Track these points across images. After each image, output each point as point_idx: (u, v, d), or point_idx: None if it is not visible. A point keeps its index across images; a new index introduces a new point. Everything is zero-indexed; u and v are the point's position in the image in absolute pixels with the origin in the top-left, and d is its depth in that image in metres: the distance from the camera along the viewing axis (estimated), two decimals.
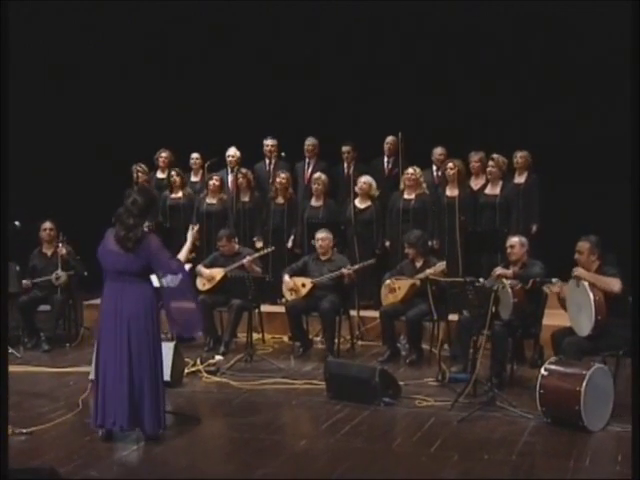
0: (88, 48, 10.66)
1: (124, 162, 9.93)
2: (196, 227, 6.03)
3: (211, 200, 9.46)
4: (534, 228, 9.07)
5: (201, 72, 10.73)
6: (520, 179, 9.25)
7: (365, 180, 8.99)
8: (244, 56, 10.66)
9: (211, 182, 9.42)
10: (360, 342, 8.53)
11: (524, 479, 4.88)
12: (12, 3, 6.68)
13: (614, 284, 6.08)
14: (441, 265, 7.61)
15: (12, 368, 7.50)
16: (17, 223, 7.53)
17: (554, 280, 6.46)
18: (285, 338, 8.63)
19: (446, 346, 7.85)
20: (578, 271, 6.23)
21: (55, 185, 10.22)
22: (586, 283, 6.12)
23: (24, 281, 8.51)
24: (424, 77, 10.16)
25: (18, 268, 8.44)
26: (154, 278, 5.63)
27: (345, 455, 5.27)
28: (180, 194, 9.70)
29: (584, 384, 5.57)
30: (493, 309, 6.20)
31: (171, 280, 5.45)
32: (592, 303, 6.02)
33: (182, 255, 5.68)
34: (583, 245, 6.33)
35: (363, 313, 8.68)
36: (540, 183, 9.16)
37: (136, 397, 5.43)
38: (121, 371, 5.43)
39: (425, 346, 7.87)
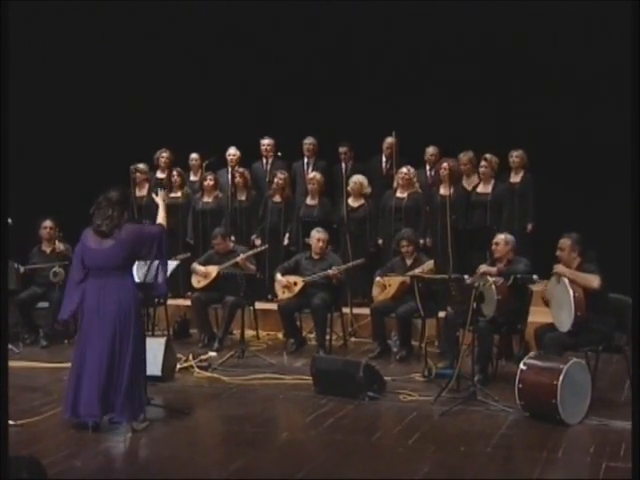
0: (88, 48, 10.82)
1: (124, 162, 10.07)
2: (162, 191, 6.12)
3: (206, 199, 9.63)
4: (529, 227, 9.20)
5: (200, 73, 10.87)
6: (516, 178, 9.36)
7: (355, 179, 9.12)
8: (243, 57, 10.80)
9: (206, 181, 9.59)
10: (353, 339, 8.67)
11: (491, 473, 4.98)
12: (12, 3, 6.81)
13: (593, 280, 6.16)
14: (429, 264, 7.74)
15: (10, 363, 7.70)
16: (9, 221, 7.67)
17: (534, 277, 6.56)
18: (280, 335, 8.75)
19: (437, 342, 8.01)
20: (558, 268, 6.32)
21: (56, 184, 10.40)
22: (566, 280, 6.22)
23: (18, 265, 8.66)
24: (420, 77, 10.27)
25: (17, 265, 8.63)
26: (135, 274, 5.80)
27: (325, 447, 5.40)
28: (179, 193, 9.86)
29: (561, 378, 5.67)
30: (474, 305, 6.29)
31: (150, 273, 5.62)
32: (572, 299, 6.11)
33: (161, 219, 5.89)
34: (565, 242, 6.43)
35: (356, 310, 8.80)
36: (534, 182, 9.28)
37: (115, 388, 5.57)
38: (104, 364, 5.57)
39: (415, 343, 7.99)
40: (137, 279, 5.77)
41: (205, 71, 10.86)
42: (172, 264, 7.45)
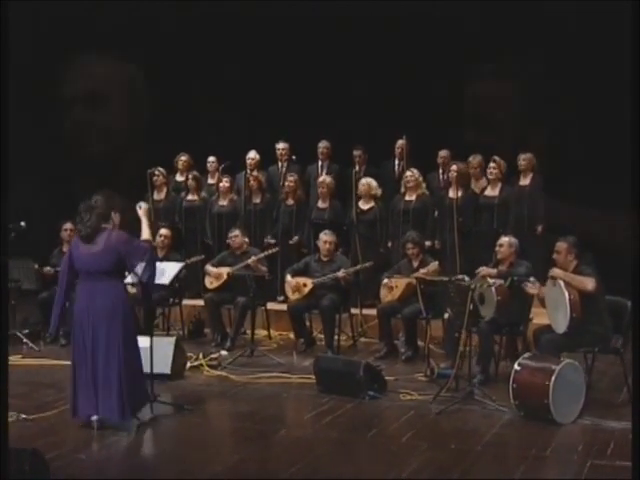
0: (103, 51, 11.09)
1: (143, 165, 10.31)
2: (144, 206, 6.22)
3: (222, 202, 9.86)
4: (539, 229, 9.28)
5: (217, 78, 11.10)
6: (525, 181, 9.45)
7: (364, 181, 9.31)
8: (258, 62, 10.99)
9: (221, 184, 9.82)
10: (363, 339, 8.83)
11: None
12: (12, 3, 7.01)
13: (587, 283, 6.27)
14: (434, 265, 7.88)
15: (29, 361, 8.04)
16: (23, 223, 7.94)
17: (532, 279, 6.68)
18: (291, 335, 8.94)
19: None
20: (554, 271, 6.44)
21: (76, 187, 10.67)
22: (562, 282, 6.33)
23: (47, 268, 8.95)
24: (433, 81, 10.39)
25: (37, 266, 8.91)
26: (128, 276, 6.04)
27: (320, 443, 5.59)
28: (196, 197, 10.10)
29: (553, 378, 5.79)
30: (471, 307, 6.43)
31: (141, 272, 5.82)
32: (567, 301, 6.23)
33: (145, 234, 5.99)
34: (561, 245, 6.54)
35: (366, 311, 8.96)
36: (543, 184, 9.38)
37: (104, 389, 5.78)
38: (93, 365, 5.80)
39: (422, 343, 8.13)
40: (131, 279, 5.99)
41: (222, 77, 11.07)
42: (177, 265, 7.65)
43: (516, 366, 6.09)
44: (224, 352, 8.18)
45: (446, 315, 7.74)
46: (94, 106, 11.32)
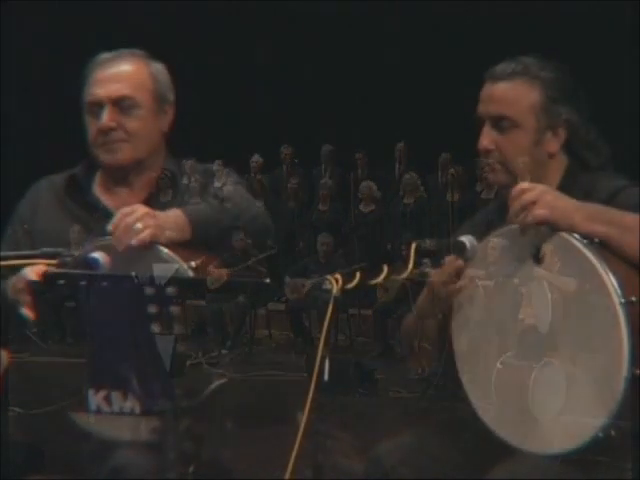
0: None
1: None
2: None
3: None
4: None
5: (221, 82, 11.30)
6: (523, 184, 9.56)
7: (365, 184, 9.52)
8: (263, 66, 11.19)
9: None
10: (361, 339, 9.02)
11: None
12: (11, 3, 7.16)
13: (569, 283, 6.40)
14: (427, 265, 8.04)
15: (36, 358, 8.29)
16: (25, 227, 8.16)
17: (515, 281, 6.82)
18: (292, 334, 9.15)
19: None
20: (538, 272, 6.58)
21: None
22: (545, 283, 6.47)
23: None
24: (436, 83, 10.53)
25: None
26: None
27: (305, 438, 5.77)
28: (199, 200, 10.31)
29: (532, 376, 5.93)
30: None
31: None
32: (549, 302, 6.37)
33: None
34: (546, 247, 6.68)
35: (364, 311, 9.13)
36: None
37: (126, 380, 6.02)
38: (116, 358, 6.04)
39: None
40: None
41: (227, 81, 11.28)
42: (173, 267, 7.86)
43: (498, 364, 6.23)
44: (224, 351, 8.38)
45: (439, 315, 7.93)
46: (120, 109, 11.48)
